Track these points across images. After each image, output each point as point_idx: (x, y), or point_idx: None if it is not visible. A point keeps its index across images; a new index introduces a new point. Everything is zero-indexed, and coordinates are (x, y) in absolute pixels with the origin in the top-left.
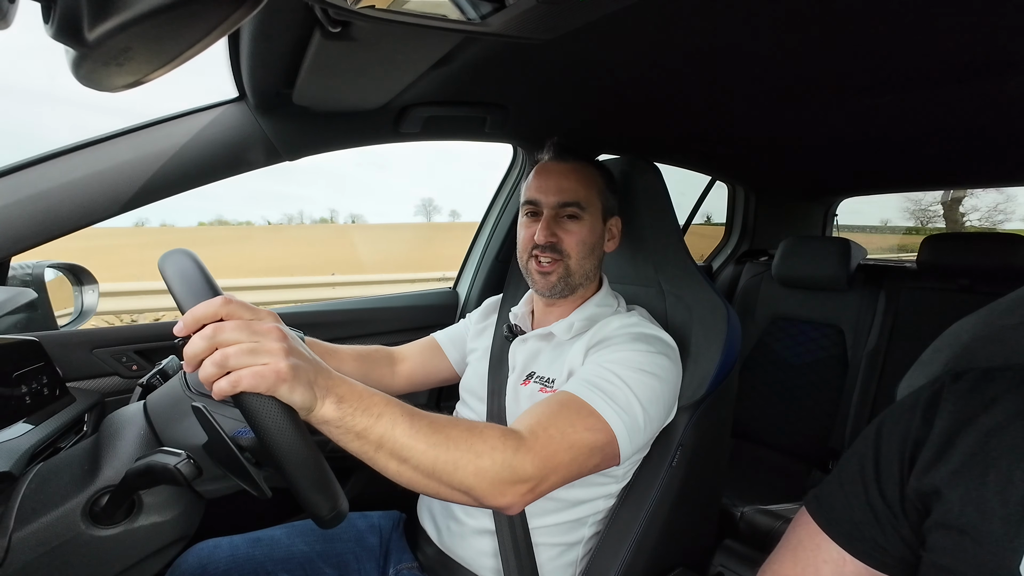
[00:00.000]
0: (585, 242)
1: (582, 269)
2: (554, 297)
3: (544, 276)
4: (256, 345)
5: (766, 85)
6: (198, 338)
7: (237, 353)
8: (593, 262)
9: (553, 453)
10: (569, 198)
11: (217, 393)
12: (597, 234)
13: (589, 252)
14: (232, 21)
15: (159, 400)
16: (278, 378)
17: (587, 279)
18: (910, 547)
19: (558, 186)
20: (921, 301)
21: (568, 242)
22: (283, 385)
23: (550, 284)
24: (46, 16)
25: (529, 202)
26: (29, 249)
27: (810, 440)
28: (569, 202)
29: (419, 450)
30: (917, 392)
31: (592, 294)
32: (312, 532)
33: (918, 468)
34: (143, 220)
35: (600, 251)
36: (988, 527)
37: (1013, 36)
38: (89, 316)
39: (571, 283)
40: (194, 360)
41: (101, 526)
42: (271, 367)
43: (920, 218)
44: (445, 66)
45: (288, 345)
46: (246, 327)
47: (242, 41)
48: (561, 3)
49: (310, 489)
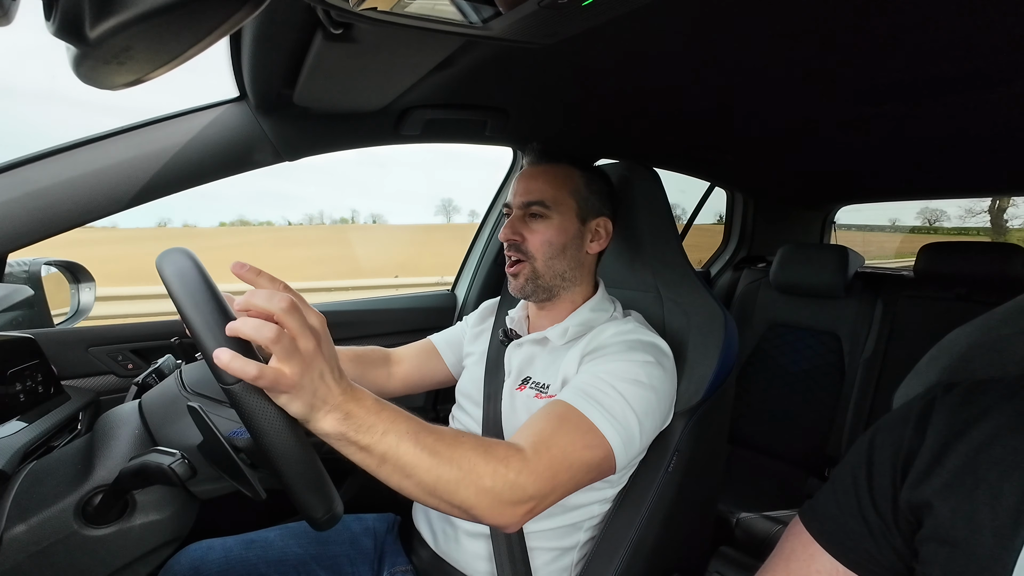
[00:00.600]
0: (551, 242)
1: (551, 270)
2: (529, 299)
3: (513, 278)
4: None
5: (765, 92)
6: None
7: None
8: (565, 263)
9: (555, 473)
10: (534, 197)
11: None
12: (568, 234)
13: (558, 252)
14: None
15: (154, 399)
16: (284, 386)
17: (563, 280)
18: (902, 558)
19: (527, 187)
20: (918, 309)
21: (532, 241)
22: (281, 396)
23: (519, 286)
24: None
25: (506, 205)
26: (27, 246)
27: (806, 447)
28: (533, 201)
29: (422, 468)
30: (910, 403)
31: (586, 299)
32: (306, 534)
33: (910, 480)
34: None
35: (577, 252)
36: (979, 539)
37: (1012, 44)
38: (85, 314)
39: (541, 284)
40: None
41: (94, 526)
42: (286, 377)
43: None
44: (446, 69)
45: (312, 359)
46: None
47: (243, 41)
48: (562, 8)
49: (305, 490)
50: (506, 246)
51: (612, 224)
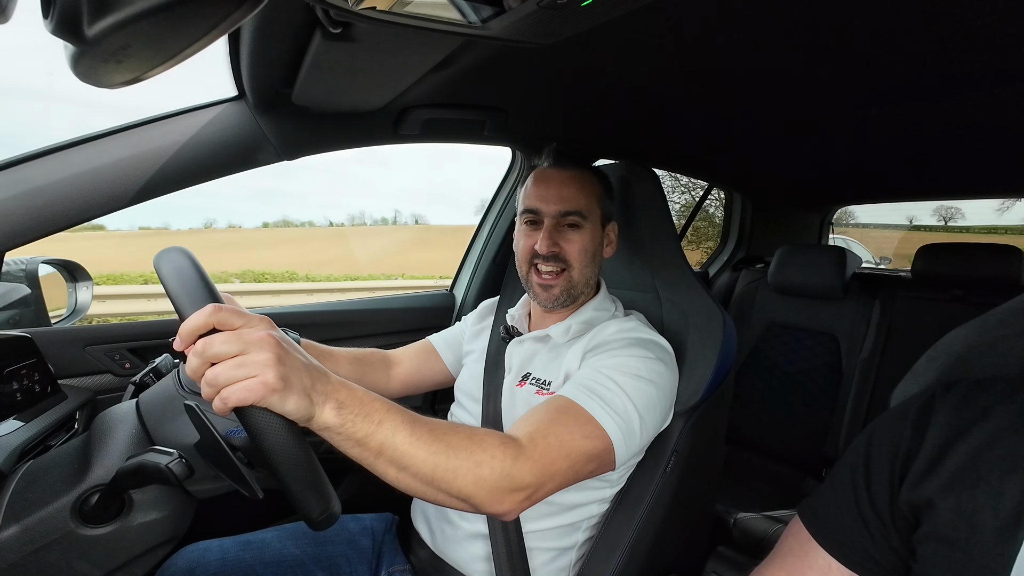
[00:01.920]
0: (587, 250)
1: (584, 278)
2: (557, 307)
3: (546, 289)
4: (244, 357)
5: (764, 93)
6: (191, 356)
7: (225, 369)
8: (594, 269)
9: (551, 461)
10: (571, 207)
11: (216, 410)
12: (597, 241)
13: (590, 260)
14: (232, 20)
15: (152, 399)
16: (267, 389)
17: (588, 286)
18: (900, 557)
19: (559, 195)
20: (915, 310)
21: (571, 251)
22: (273, 396)
23: (553, 297)
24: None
25: (529, 210)
26: (25, 244)
27: (804, 447)
28: (571, 211)
29: (419, 458)
30: (907, 402)
31: (590, 298)
32: (303, 535)
33: (909, 480)
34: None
35: (600, 257)
36: (979, 539)
37: (1009, 47)
38: (82, 313)
39: (574, 293)
40: (195, 376)
41: (90, 525)
42: (259, 379)
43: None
44: (445, 69)
45: (279, 353)
46: (235, 338)
47: (242, 40)
48: (562, 8)
49: (302, 489)
50: (543, 257)
51: (618, 228)
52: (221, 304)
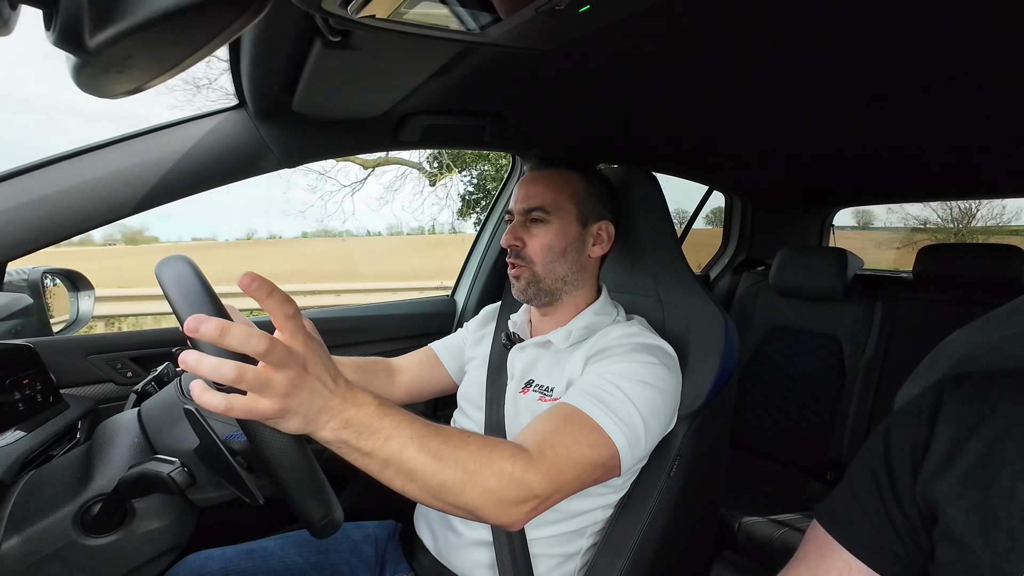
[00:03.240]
0: (551, 246)
1: (551, 274)
2: (531, 303)
3: (515, 280)
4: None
5: (764, 96)
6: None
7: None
8: (566, 267)
9: (560, 472)
10: (533, 203)
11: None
12: (569, 237)
13: (558, 256)
14: (233, 30)
15: (153, 407)
16: (267, 415)
17: (565, 283)
18: (925, 556)
19: (526, 193)
20: (917, 311)
21: (532, 246)
22: (271, 421)
23: (521, 288)
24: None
25: (507, 212)
26: (27, 254)
27: (808, 450)
28: (532, 207)
29: (427, 473)
30: (921, 396)
31: (589, 302)
32: (306, 543)
33: (923, 474)
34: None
35: (578, 256)
36: (992, 539)
37: (1009, 46)
38: (84, 322)
39: (543, 288)
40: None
41: (92, 535)
42: (263, 404)
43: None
44: (444, 75)
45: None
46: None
47: (243, 49)
48: (560, 15)
49: (303, 495)
50: (508, 252)
51: (614, 227)
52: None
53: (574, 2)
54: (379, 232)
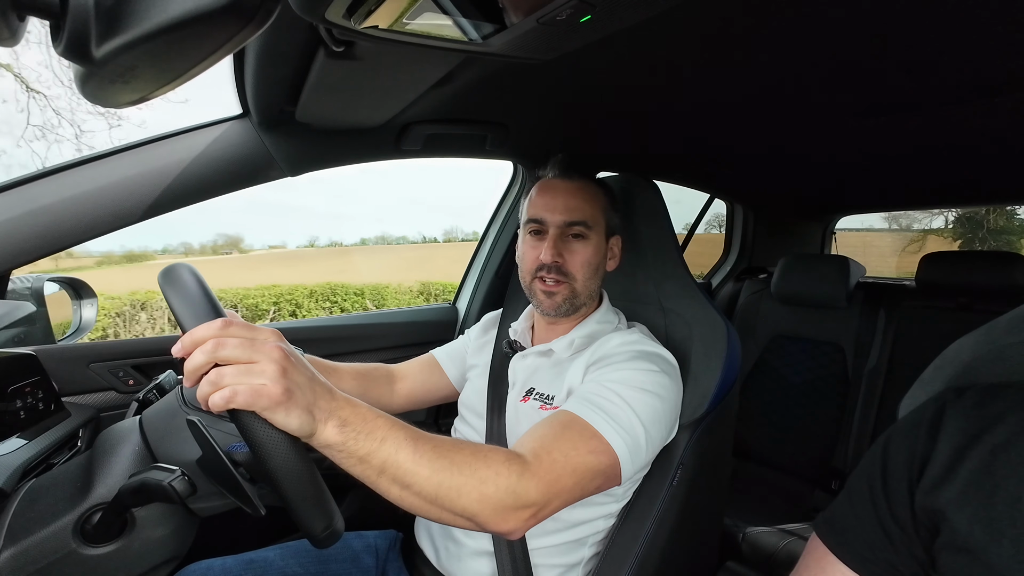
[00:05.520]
0: (590, 262)
1: (587, 290)
2: (558, 317)
3: (550, 297)
4: (254, 365)
5: (765, 105)
6: (199, 352)
7: (234, 372)
8: (597, 282)
9: (557, 478)
10: (576, 217)
11: (212, 406)
12: (601, 254)
13: (594, 272)
14: (237, 41)
15: (155, 415)
16: (272, 400)
17: (591, 298)
18: (922, 566)
19: (565, 205)
20: (920, 319)
21: (573, 263)
22: (279, 409)
23: (555, 304)
24: (55, 35)
25: (534, 220)
26: (30, 263)
27: (812, 460)
28: (576, 221)
29: (423, 476)
30: (921, 408)
31: (593, 311)
32: (306, 553)
33: (924, 485)
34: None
35: (603, 270)
36: (997, 548)
37: (1011, 54)
38: (87, 330)
39: (576, 303)
40: (193, 375)
41: (93, 544)
42: (265, 388)
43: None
44: (446, 85)
45: (287, 365)
46: (247, 345)
47: (247, 59)
48: (561, 25)
49: (304, 505)
50: (547, 267)
51: (621, 241)
52: (232, 319)
53: (575, 12)
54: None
